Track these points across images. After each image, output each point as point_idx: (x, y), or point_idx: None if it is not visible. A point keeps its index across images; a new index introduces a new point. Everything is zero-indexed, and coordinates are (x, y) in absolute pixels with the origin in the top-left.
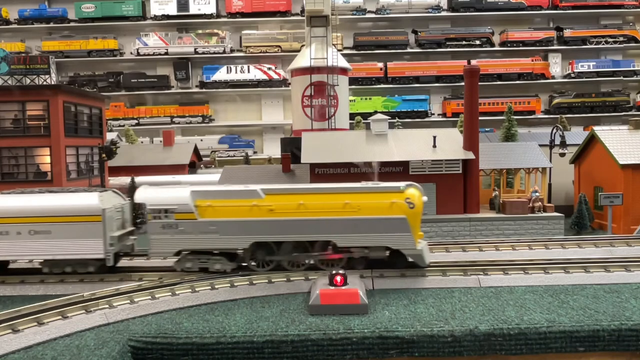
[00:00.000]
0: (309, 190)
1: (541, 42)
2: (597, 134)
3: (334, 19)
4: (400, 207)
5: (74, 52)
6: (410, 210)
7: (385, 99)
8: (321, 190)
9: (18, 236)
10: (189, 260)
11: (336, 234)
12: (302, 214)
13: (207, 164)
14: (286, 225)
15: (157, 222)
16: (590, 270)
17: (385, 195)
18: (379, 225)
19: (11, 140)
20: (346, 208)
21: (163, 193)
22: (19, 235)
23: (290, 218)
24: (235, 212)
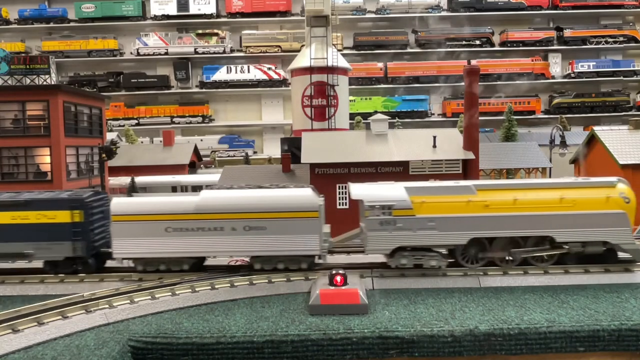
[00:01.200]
0: (522, 185)
1: (541, 42)
2: (597, 134)
3: (334, 19)
4: (617, 202)
5: (74, 52)
6: (627, 205)
7: (385, 99)
8: (535, 185)
9: (232, 232)
10: (404, 257)
11: (556, 229)
12: (518, 209)
13: (207, 164)
14: (502, 220)
15: (375, 218)
16: (590, 270)
17: (599, 189)
18: (598, 220)
19: (11, 140)
20: (562, 203)
21: (380, 189)
22: (234, 232)
23: (507, 214)
24: (450, 208)
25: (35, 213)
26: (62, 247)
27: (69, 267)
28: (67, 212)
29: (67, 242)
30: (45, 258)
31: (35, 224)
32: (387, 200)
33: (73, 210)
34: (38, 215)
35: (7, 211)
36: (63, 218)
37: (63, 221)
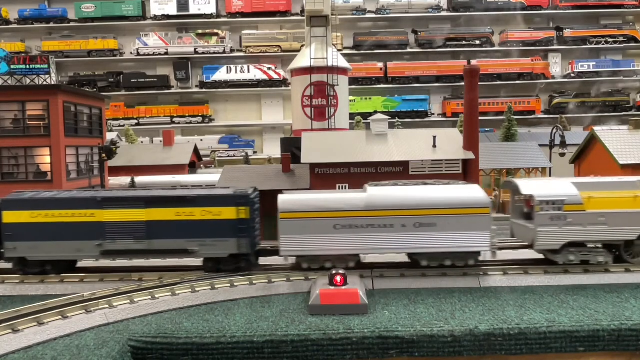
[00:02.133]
0: None
1: (541, 42)
2: (597, 134)
3: (334, 19)
4: None
5: (74, 52)
6: None
7: (385, 99)
8: None
9: (402, 229)
10: (572, 253)
11: None
12: None
13: (207, 164)
14: None
15: (545, 214)
16: (590, 270)
17: None
18: None
19: (11, 140)
20: None
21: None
22: (404, 228)
23: None
24: (618, 203)
25: (201, 209)
26: (227, 244)
27: (232, 264)
28: (233, 209)
29: (232, 239)
30: (209, 255)
31: (201, 221)
32: (558, 196)
33: (239, 206)
34: (203, 211)
35: (172, 207)
36: (229, 215)
37: (229, 218)
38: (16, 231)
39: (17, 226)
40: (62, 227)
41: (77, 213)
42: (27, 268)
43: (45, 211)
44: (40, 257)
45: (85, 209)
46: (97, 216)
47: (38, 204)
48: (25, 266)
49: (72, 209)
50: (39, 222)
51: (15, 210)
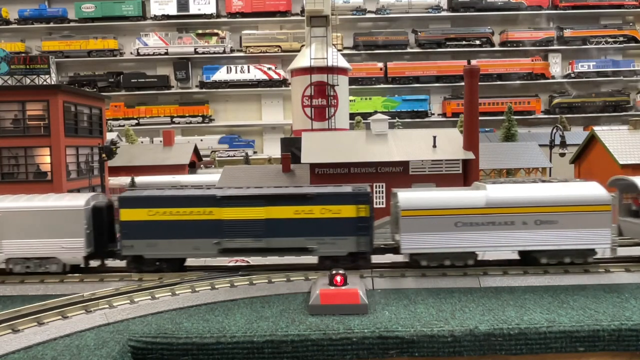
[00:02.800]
0: None
1: (541, 42)
2: (597, 134)
3: (334, 19)
4: None
5: (74, 52)
6: None
7: (385, 99)
8: None
9: (523, 226)
10: None
11: None
12: None
13: (207, 164)
14: None
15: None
16: (590, 270)
17: None
18: None
19: (11, 140)
20: None
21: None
22: (524, 226)
23: None
24: None
25: (320, 207)
26: (346, 242)
27: (350, 262)
28: (353, 207)
29: (351, 237)
30: (328, 253)
31: (320, 219)
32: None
33: (359, 204)
34: (323, 209)
35: (292, 205)
36: (348, 212)
37: (348, 216)
38: (134, 229)
39: (134, 224)
40: (180, 225)
41: (196, 211)
42: (142, 266)
43: (163, 209)
44: (157, 255)
45: (204, 207)
46: (216, 214)
47: (156, 202)
48: (140, 264)
49: (190, 206)
50: (156, 220)
51: (133, 208)
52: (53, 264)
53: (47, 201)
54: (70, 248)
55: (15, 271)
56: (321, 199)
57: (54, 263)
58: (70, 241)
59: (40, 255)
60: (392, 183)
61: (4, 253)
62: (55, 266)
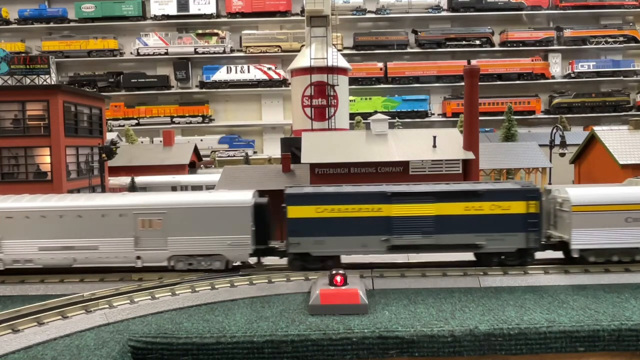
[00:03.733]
0: None
1: (541, 42)
2: (597, 134)
3: (334, 19)
4: None
5: (74, 52)
6: None
7: (385, 99)
8: None
9: None
10: None
11: None
12: None
13: (207, 164)
14: None
15: None
16: (590, 270)
17: None
18: None
19: (11, 140)
20: None
21: None
22: None
23: None
24: None
25: (490, 204)
26: (515, 239)
27: (517, 258)
28: (523, 203)
29: (520, 233)
30: (497, 249)
31: (489, 215)
32: None
33: (528, 200)
34: (492, 205)
35: (461, 202)
36: (518, 209)
37: (518, 212)
38: (301, 226)
39: (302, 221)
40: (348, 222)
41: (364, 208)
42: (308, 263)
43: (331, 206)
44: (324, 252)
45: (373, 204)
46: (385, 211)
47: (324, 199)
48: (305, 262)
49: (359, 203)
50: (324, 217)
51: (300, 205)
52: (216, 261)
53: (213, 197)
54: (236, 245)
55: (177, 268)
56: (491, 196)
57: (218, 260)
58: (237, 238)
59: (205, 253)
60: (392, 183)
61: (169, 250)
62: (218, 263)
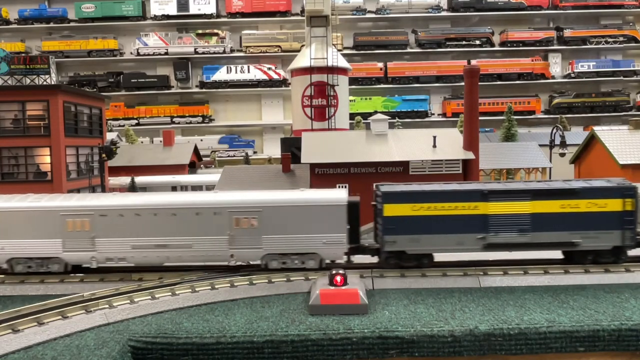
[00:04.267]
0: None
1: (541, 42)
2: (597, 134)
3: (334, 19)
4: None
5: (74, 52)
6: None
7: (385, 99)
8: None
9: None
10: None
11: None
12: None
13: (207, 164)
14: None
15: None
16: (591, 270)
17: None
18: None
19: (11, 140)
20: None
21: None
22: None
23: None
24: None
25: (586, 201)
26: (611, 236)
27: (611, 256)
28: (619, 201)
29: (616, 231)
30: (592, 247)
31: (585, 213)
32: None
33: (625, 198)
34: (588, 203)
35: (557, 199)
36: (614, 206)
37: (614, 209)
38: (397, 224)
39: (398, 219)
40: (444, 220)
41: (461, 206)
42: (402, 262)
43: (427, 204)
44: (419, 250)
45: (470, 202)
46: (482, 209)
47: (420, 197)
48: (400, 260)
49: (456, 201)
50: (420, 215)
51: (396, 203)
52: (311, 259)
53: (309, 195)
54: (331, 244)
55: (270, 267)
56: (588, 193)
57: (312, 259)
58: (332, 237)
59: (300, 251)
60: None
61: (263, 249)
62: (312, 262)
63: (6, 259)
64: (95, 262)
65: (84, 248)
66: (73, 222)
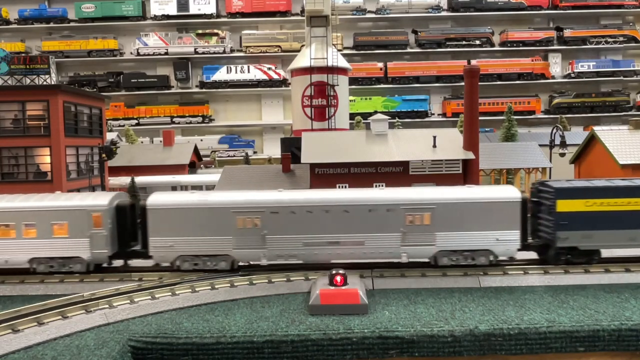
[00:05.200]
0: None
1: (541, 42)
2: (597, 134)
3: (334, 19)
4: None
5: (74, 52)
6: None
7: (385, 99)
8: None
9: None
10: None
11: None
12: None
13: (207, 164)
14: None
15: None
16: (590, 270)
17: None
18: None
19: (11, 140)
20: None
21: None
22: None
23: None
24: None
25: None
26: None
27: None
28: None
29: None
30: None
31: None
32: None
33: None
34: None
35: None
36: None
37: None
38: (570, 220)
39: (571, 215)
40: (617, 215)
41: (634, 201)
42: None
43: (600, 199)
44: (590, 246)
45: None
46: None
47: (593, 193)
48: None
49: (629, 197)
50: (593, 210)
51: (570, 199)
52: (482, 256)
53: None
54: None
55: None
56: None
57: (483, 256)
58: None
59: (472, 248)
60: (392, 183)
61: (436, 246)
62: (483, 259)
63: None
64: (265, 260)
65: (255, 246)
66: (243, 219)
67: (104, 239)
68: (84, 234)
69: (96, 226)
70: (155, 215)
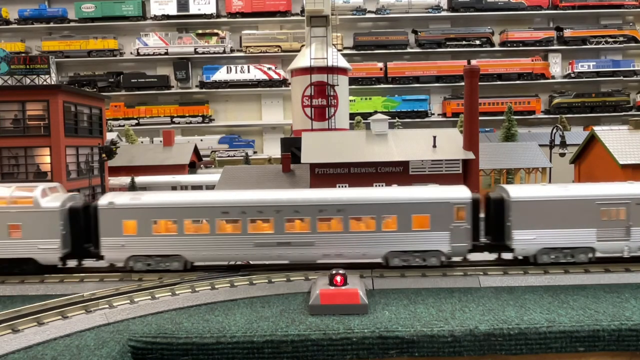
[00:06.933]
0: None
1: (541, 42)
2: (597, 134)
3: (334, 19)
4: None
5: (74, 52)
6: None
7: (385, 99)
8: None
9: None
10: None
11: None
12: None
13: (207, 164)
14: None
15: None
16: (591, 270)
17: None
18: None
19: (11, 140)
20: None
21: None
22: None
23: None
24: None
25: None
26: None
27: None
28: None
29: None
30: None
31: None
32: None
33: None
34: None
35: None
36: None
37: None
38: None
39: None
40: None
41: None
42: None
43: None
44: None
45: None
46: None
47: None
48: None
49: None
50: None
51: None
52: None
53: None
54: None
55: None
56: None
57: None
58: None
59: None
60: (392, 183)
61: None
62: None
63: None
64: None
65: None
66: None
67: None
68: None
69: None
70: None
